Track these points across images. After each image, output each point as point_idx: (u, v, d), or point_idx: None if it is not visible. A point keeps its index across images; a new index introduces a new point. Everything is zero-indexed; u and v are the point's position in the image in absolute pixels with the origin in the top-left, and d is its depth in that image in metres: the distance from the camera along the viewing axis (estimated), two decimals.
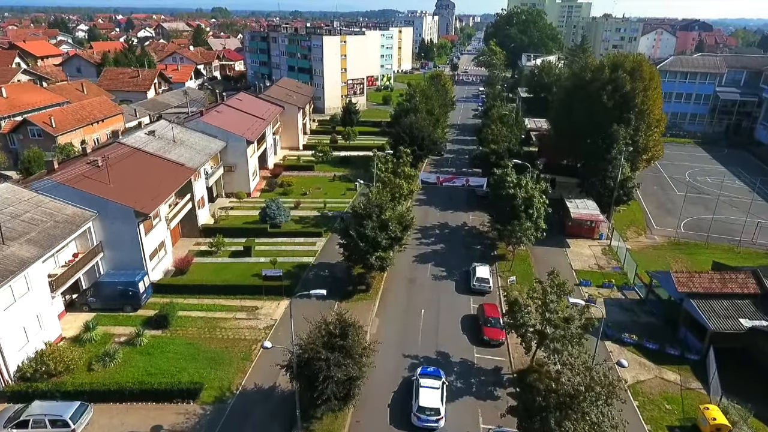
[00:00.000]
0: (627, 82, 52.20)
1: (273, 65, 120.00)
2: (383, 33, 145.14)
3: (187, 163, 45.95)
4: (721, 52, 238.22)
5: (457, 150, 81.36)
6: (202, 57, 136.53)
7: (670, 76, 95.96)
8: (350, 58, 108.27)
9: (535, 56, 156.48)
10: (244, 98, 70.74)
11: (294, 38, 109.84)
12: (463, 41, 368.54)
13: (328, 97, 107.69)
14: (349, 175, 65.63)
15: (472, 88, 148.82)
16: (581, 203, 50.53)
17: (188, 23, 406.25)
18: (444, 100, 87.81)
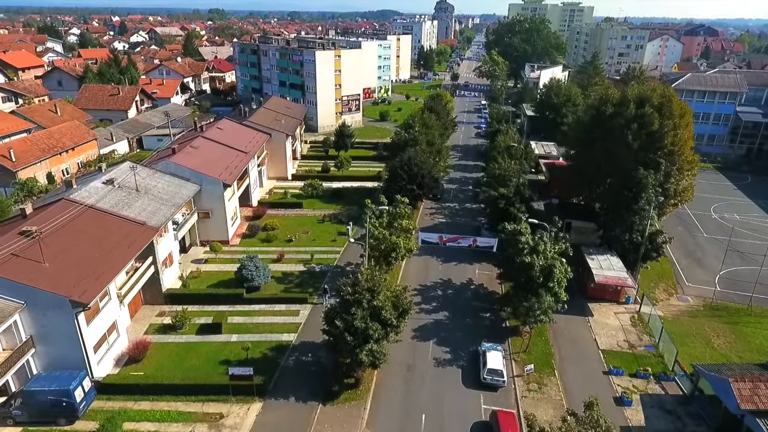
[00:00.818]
0: (655, 120, 45.84)
1: (264, 79, 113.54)
2: (380, 43, 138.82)
3: (150, 220, 39.51)
4: (728, 58, 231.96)
5: (460, 179, 74.91)
6: (191, 69, 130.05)
7: (687, 95, 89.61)
8: (345, 74, 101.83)
9: (539, 66, 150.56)
10: (225, 127, 64.24)
11: (285, 52, 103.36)
12: (462, 45, 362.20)
13: (321, 115, 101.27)
14: (341, 214, 59.20)
15: (474, 100, 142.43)
16: (604, 260, 44.13)
17: (184, 26, 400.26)
18: (445, 122, 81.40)
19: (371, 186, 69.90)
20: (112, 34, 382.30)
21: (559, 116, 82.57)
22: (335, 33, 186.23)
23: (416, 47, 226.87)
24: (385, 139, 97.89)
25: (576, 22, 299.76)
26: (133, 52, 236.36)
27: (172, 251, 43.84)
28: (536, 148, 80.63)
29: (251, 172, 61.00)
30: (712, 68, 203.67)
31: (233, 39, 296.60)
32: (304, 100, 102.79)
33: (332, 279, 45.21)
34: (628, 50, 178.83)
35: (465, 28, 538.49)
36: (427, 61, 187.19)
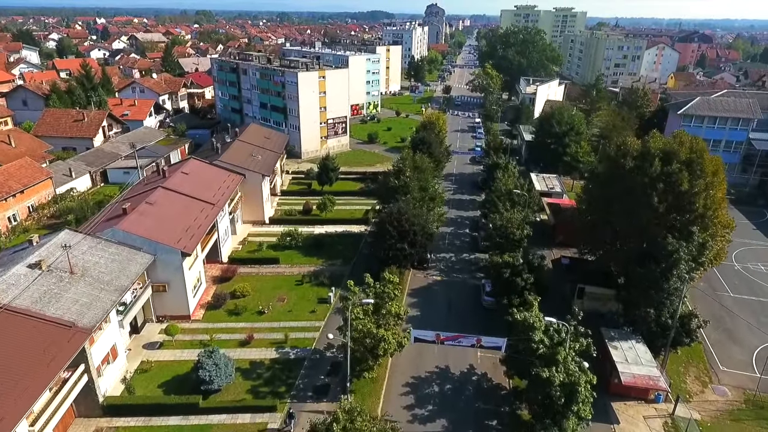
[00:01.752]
0: (684, 180, 39.36)
1: (244, 99, 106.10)
2: (369, 57, 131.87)
3: (82, 318, 32.29)
4: (724, 67, 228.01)
5: (455, 219, 68.11)
6: (167, 86, 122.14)
7: (696, 120, 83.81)
8: (330, 95, 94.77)
9: (534, 80, 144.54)
10: (192, 170, 56.95)
11: (266, 72, 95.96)
12: (453, 50, 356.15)
13: (305, 141, 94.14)
14: (323, 273, 52.21)
15: (467, 114, 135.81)
16: (629, 349, 37.52)
17: (169, 30, 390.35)
18: (438, 155, 74.62)
19: (357, 230, 63.14)
20: (95, 38, 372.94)
21: (561, 146, 76.22)
22: (322, 44, 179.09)
23: (407, 55, 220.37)
24: (373, 166, 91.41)
25: (569, 28, 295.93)
26: (113, 60, 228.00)
27: (115, 343, 36.60)
28: (537, 182, 74.15)
29: (221, 223, 53.81)
30: (709, 77, 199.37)
31: (218, 45, 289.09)
32: (286, 124, 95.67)
33: (309, 373, 38.27)
34: (624, 61, 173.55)
35: (456, 32, 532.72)
36: (417, 72, 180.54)
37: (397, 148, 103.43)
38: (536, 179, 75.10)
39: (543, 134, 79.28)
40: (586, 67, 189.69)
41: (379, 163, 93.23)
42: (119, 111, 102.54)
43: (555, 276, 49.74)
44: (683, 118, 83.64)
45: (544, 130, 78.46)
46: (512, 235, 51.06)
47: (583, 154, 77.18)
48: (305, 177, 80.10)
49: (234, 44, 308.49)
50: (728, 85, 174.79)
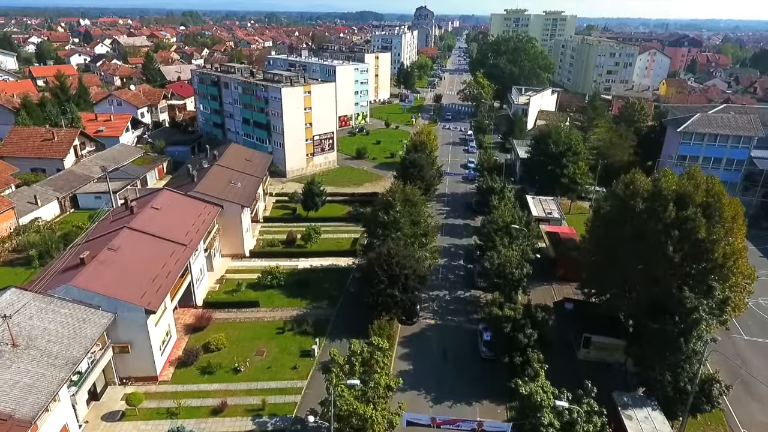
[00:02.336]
0: (701, 227, 35.79)
1: (226, 114, 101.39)
2: (357, 67, 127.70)
3: (21, 408, 27.81)
4: (714, 71, 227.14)
5: (448, 248, 64.12)
6: (146, 97, 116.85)
7: (696, 138, 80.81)
8: (316, 111, 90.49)
9: (527, 89, 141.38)
10: (164, 203, 52.42)
11: (248, 87, 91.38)
12: (443, 53, 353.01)
13: (290, 158, 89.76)
14: (307, 317, 47.96)
15: (458, 128, 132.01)
16: (645, 419, 33.79)
17: (154, 32, 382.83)
18: (429, 178, 70.73)
19: (344, 264, 59.00)
20: (77, 41, 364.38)
21: (558, 167, 72.70)
22: (308, 52, 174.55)
23: (396, 61, 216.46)
24: (362, 185, 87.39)
25: (559, 32, 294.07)
26: (94, 66, 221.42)
27: (66, 423, 32.13)
28: (534, 205, 70.62)
29: (195, 263, 49.38)
30: (700, 83, 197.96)
31: (204, 50, 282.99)
32: (269, 141, 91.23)
33: None
34: (616, 68, 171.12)
35: (445, 34, 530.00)
36: (407, 79, 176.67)
37: (387, 164, 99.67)
38: (533, 202, 71.55)
39: (539, 153, 75.70)
40: (578, 73, 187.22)
41: (368, 182, 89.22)
42: (94, 127, 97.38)
43: (558, 319, 46.01)
44: (683, 135, 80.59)
45: (540, 149, 74.91)
46: (511, 275, 47.38)
47: (581, 175, 73.81)
48: (290, 200, 75.70)
49: (220, 47, 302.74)
50: (720, 92, 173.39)
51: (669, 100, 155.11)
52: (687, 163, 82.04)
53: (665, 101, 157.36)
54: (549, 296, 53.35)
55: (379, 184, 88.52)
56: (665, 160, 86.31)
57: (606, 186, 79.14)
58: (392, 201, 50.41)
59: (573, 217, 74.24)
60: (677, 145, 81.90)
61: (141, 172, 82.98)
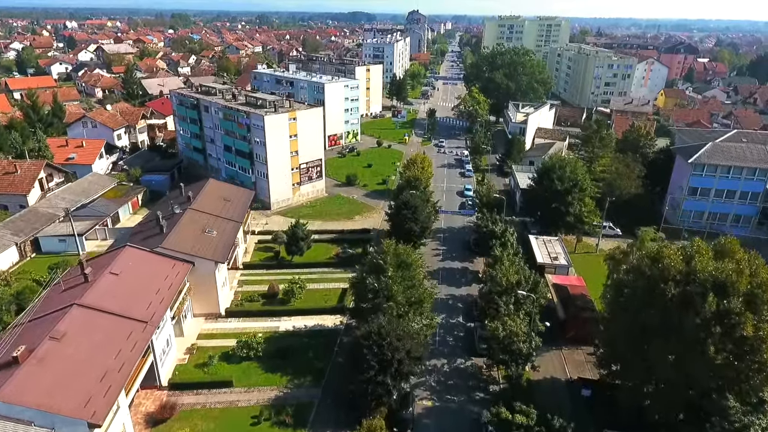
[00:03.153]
0: (748, 323, 30.33)
1: (207, 139, 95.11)
2: (347, 83, 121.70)
3: None
4: (712, 80, 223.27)
5: (445, 301, 58.51)
6: (124, 117, 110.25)
7: (708, 169, 75.71)
8: (303, 137, 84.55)
9: (524, 105, 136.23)
10: (125, 267, 46.28)
11: (229, 113, 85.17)
12: (436, 58, 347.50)
13: (274, 189, 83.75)
14: (287, 401, 42.09)
15: (454, 145, 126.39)
16: None
17: (140, 37, 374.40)
18: (425, 212, 64.95)
19: (331, 324, 53.16)
20: (61, 46, 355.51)
21: (563, 204, 67.25)
22: (298, 63, 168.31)
23: (389, 70, 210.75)
24: (352, 219, 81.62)
25: (553, 37, 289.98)
26: (75, 75, 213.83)
27: None
28: (538, 248, 65.21)
29: (159, 339, 43.27)
30: (699, 93, 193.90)
31: (191, 56, 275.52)
32: (252, 171, 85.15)
33: None
34: (614, 79, 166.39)
35: (438, 37, 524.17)
36: (400, 91, 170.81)
37: (378, 192, 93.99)
38: (536, 244, 66.11)
39: (542, 189, 70.07)
40: (574, 84, 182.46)
41: (358, 215, 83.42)
42: (64, 154, 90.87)
43: (572, 406, 40.43)
44: (694, 166, 75.49)
45: (544, 185, 69.32)
46: (518, 350, 41.82)
47: (588, 213, 68.43)
48: (273, 241, 69.65)
49: (208, 54, 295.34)
50: (721, 104, 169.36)
51: (669, 115, 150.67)
52: (698, 196, 77.52)
53: (665, 115, 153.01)
54: (559, 366, 47.82)
55: (370, 216, 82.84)
56: (675, 191, 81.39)
57: (612, 220, 74.46)
58: (383, 264, 44.56)
59: (579, 258, 68.90)
60: (688, 176, 76.85)
61: (112, 208, 76.55)
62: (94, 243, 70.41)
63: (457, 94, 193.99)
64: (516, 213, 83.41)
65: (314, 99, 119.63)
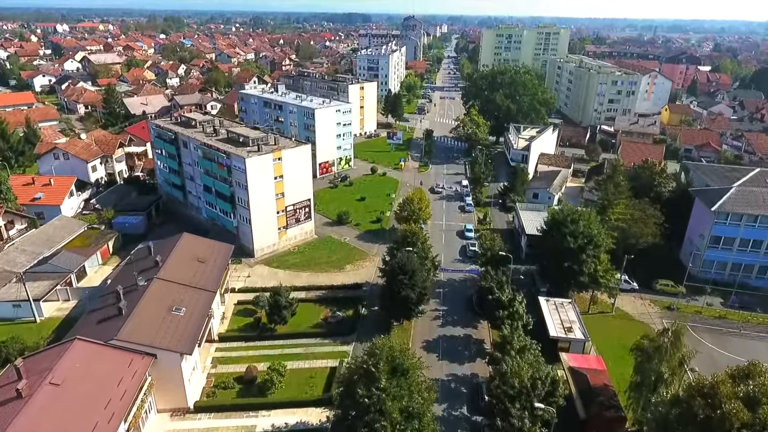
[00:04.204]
0: None
1: (186, 175, 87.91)
2: (339, 108, 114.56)
3: None
4: (716, 91, 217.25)
5: (447, 383, 51.57)
6: (100, 147, 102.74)
7: (733, 218, 69.15)
8: (290, 178, 77.52)
9: (525, 127, 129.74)
10: (70, 371, 39.10)
11: (208, 152, 77.94)
12: (432, 65, 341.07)
13: (258, 235, 76.64)
14: None
15: (453, 170, 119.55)
16: None
17: (129, 44, 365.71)
18: (423, 276, 58.02)
19: (316, 422, 46.16)
20: (49, 52, 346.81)
21: (576, 263, 60.48)
22: (289, 80, 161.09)
23: (384, 83, 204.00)
24: (343, 269, 74.69)
25: (552, 45, 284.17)
26: (59, 88, 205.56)
27: None
28: (549, 314, 58.53)
29: None
30: (704, 108, 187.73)
31: (180, 66, 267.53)
32: (234, 215, 78.06)
33: None
34: (618, 96, 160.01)
35: (434, 41, 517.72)
36: (395, 108, 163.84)
37: (372, 232, 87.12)
38: (547, 309, 59.35)
39: (552, 243, 63.10)
40: (576, 99, 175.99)
41: (350, 263, 76.45)
42: (30, 194, 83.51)
43: None
44: (717, 215, 68.91)
45: (554, 240, 62.38)
46: None
47: (604, 272, 61.68)
48: (254, 304, 62.50)
49: (198, 63, 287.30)
50: (728, 121, 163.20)
51: (676, 134, 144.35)
52: (721, 246, 70.96)
53: (671, 134, 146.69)
54: None
55: (363, 265, 75.89)
56: (693, 236, 74.86)
57: (628, 272, 67.35)
58: (374, 372, 37.57)
59: (594, 320, 62.37)
60: (709, 224, 70.25)
61: (77, 261, 69.23)
62: (55, 305, 63.23)
63: (455, 109, 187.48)
64: (522, 259, 76.74)
65: (304, 125, 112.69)
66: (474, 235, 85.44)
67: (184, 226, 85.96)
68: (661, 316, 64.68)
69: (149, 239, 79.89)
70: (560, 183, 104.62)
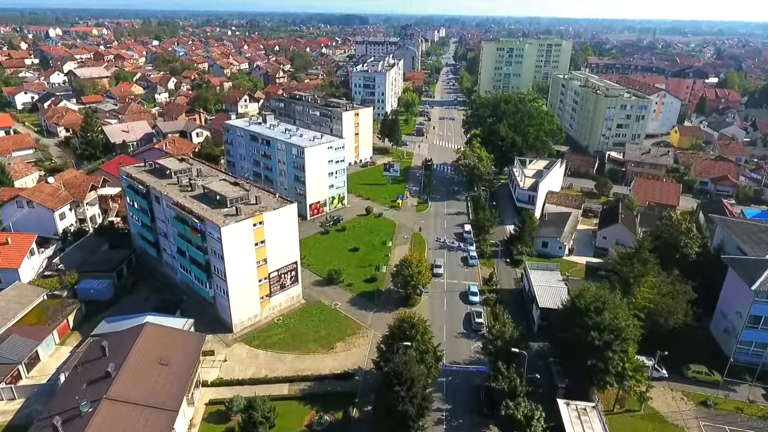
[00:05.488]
0: None
1: (159, 232, 79.25)
2: (331, 145, 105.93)
3: None
4: (724, 108, 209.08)
5: None
6: (70, 191, 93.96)
7: None
8: (273, 243, 68.89)
9: (530, 160, 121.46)
10: None
11: (181, 216, 69.14)
12: (431, 74, 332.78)
13: (237, 310, 67.97)
14: None
15: (453, 210, 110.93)
16: None
17: (120, 54, 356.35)
18: (425, 383, 49.52)
19: None
20: (37, 61, 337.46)
21: (602, 361, 52.07)
22: (279, 104, 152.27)
23: (380, 101, 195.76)
24: (332, 349, 66.24)
25: (554, 58, 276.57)
26: (41, 106, 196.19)
27: None
28: (570, 426, 49.96)
29: None
30: (714, 129, 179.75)
31: (171, 79, 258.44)
32: (210, 284, 69.44)
33: None
34: (628, 121, 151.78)
35: (432, 48, 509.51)
36: (392, 132, 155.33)
37: (366, 294, 78.67)
38: (568, 419, 50.89)
39: (573, 338, 54.34)
40: (582, 122, 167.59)
41: (341, 341, 67.90)
42: None
43: None
44: (757, 293, 60.55)
45: (575, 335, 53.70)
46: None
47: (634, 370, 53.31)
48: (227, 408, 53.77)
49: (190, 75, 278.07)
50: (742, 147, 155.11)
51: (689, 163, 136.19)
52: (761, 326, 62.60)
53: (684, 162, 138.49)
54: None
55: (355, 343, 67.39)
56: (728, 312, 66.47)
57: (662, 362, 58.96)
58: None
59: (620, 422, 54.13)
60: (748, 302, 61.77)
61: (28, 347, 60.38)
62: None
63: (455, 130, 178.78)
64: (534, 332, 68.44)
65: (293, 163, 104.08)
66: (479, 299, 76.99)
67: (158, 290, 77.82)
68: (696, 416, 56.34)
69: (116, 308, 71.97)
70: (571, 229, 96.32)
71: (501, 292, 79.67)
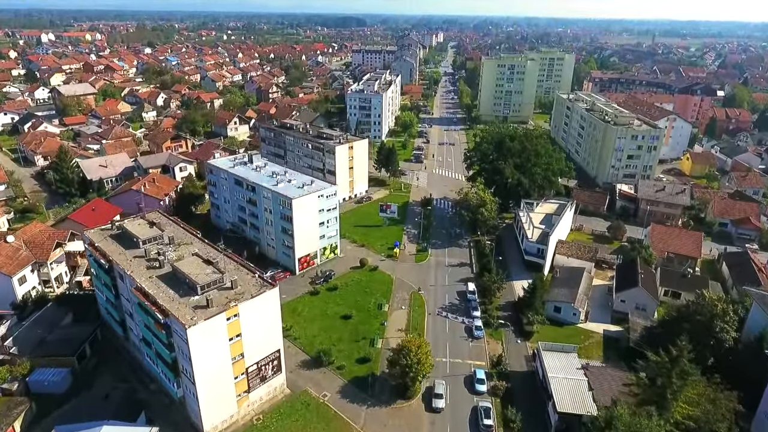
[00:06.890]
0: None
1: (125, 311, 70.13)
2: (322, 193, 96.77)
3: None
4: (739, 135, 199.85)
5: None
6: (33, 251, 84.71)
7: None
8: (251, 335, 59.84)
9: (538, 203, 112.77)
10: None
11: (145, 307, 59.93)
12: (429, 86, 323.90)
13: (207, 413, 58.86)
14: None
15: (455, 261, 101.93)
16: None
17: (110, 65, 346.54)
18: None
19: None
20: (24, 72, 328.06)
21: None
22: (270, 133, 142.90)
23: (376, 122, 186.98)
24: None
25: (557, 72, 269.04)
26: (21, 128, 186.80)
27: None
28: None
29: None
30: (727, 155, 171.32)
31: (160, 94, 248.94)
32: (179, 384, 60.36)
33: None
34: (639, 152, 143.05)
35: (430, 54, 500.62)
36: (388, 161, 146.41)
37: (358, 381, 69.56)
38: None
39: None
40: (590, 150, 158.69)
41: None
42: None
43: None
44: None
45: None
46: None
47: None
48: None
49: (181, 88, 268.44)
50: (760, 179, 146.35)
51: (707, 201, 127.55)
52: None
53: (700, 198, 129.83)
54: None
55: None
56: None
57: None
58: None
59: None
60: None
61: None
62: None
63: (455, 156, 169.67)
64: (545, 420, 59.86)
65: (280, 214, 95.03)
66: (486, 388, 68.11)
67: (123, 377, 69.00)
68: None
69: (71, 406, 62.90)
70: (585, 290, 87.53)
71: (511, 376, 70.86)
